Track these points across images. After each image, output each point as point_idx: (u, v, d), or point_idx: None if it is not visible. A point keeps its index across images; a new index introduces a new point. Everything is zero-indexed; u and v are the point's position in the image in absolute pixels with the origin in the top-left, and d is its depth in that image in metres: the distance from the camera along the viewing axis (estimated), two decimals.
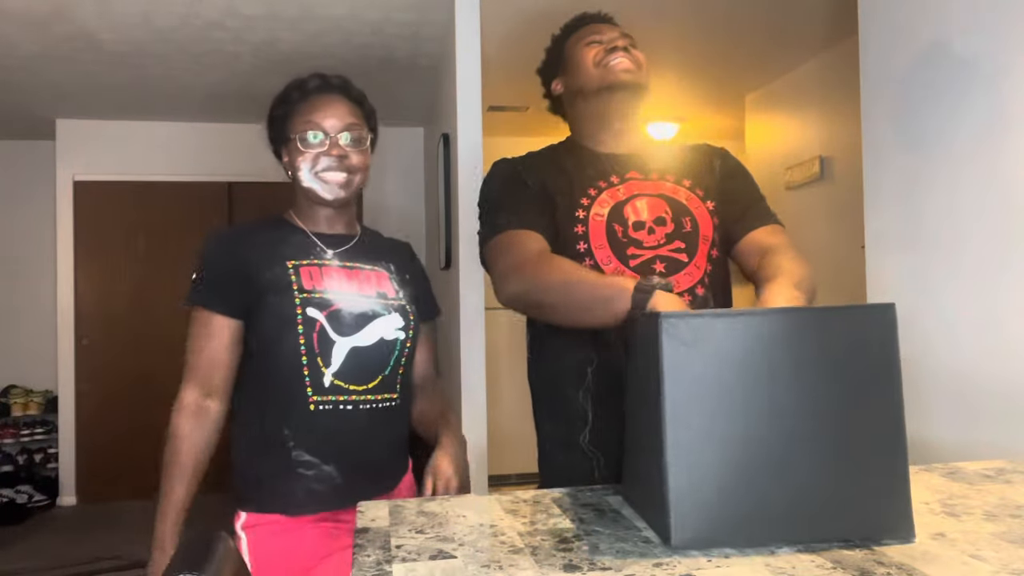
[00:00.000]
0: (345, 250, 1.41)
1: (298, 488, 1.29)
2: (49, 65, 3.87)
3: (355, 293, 1.36)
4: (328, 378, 1.30)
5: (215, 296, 1.32)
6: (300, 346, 1.29)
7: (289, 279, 1.32)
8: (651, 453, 0.83)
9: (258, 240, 1.37)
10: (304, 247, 1.38)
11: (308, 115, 1.37)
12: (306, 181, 1.37)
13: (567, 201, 1.30)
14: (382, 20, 3.42)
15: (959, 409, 1.87)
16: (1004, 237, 1.75)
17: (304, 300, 1.30)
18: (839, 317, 0.82)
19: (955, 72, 1.87)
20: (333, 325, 1.31)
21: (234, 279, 1.32)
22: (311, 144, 1.36)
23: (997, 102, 1.76)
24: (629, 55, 1.34)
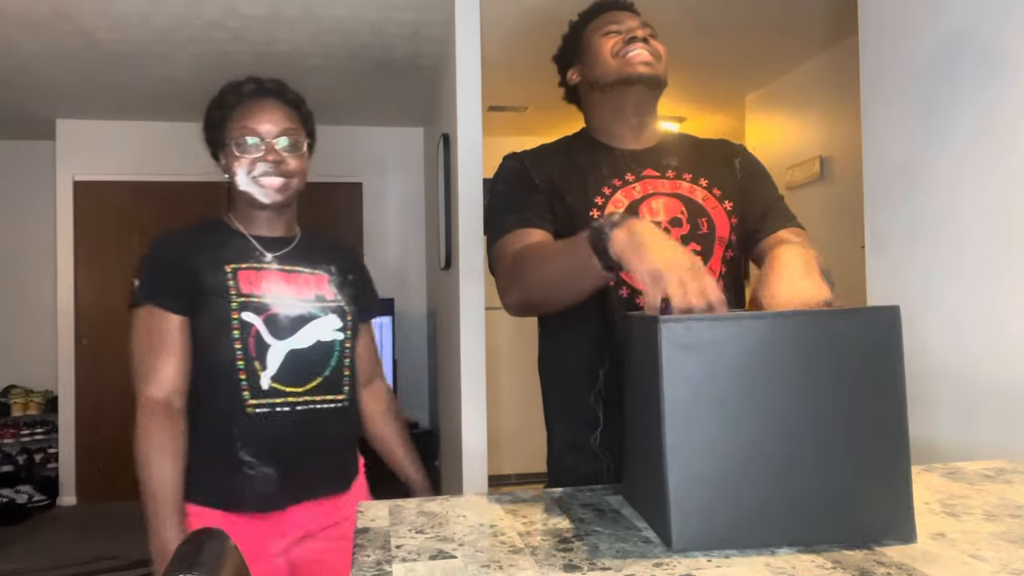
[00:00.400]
0: (284, 253, 1.43)
1: (237, 486, 1.31)
2: (49, 65, 3.87)
3: (293, 296, 1.38)
4: (266, 381, 1.33)
5: (166, 294, 1.33)
6: (236, 350, 1.31)
7: (227, 283, 1.34)
8: (651, 455, 0.83)
9: (199, 243, 1.38)
10: (243, 250, 1.39)
11: (244, 120, 1.38)
12: (243, 185, 1.38)
13: (580, 200, 1.27)
14: (382, 20, 3.42)
15: (959, 409, 1.87)
16: (1004, 237, 1.75)
17: (241, 304, 1.33)
18: (842, 320, 0.82)
19: (955, 72, 1.87)
20: (269, 328, 1.34)
21: (180, 279, 1.34)
22: (248, 149, 1.37)
23: (997, 102, 1.76)
24: (648, 46, 1.29)
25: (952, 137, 1.89)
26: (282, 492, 1.33)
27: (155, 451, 1.29)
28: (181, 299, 1.33)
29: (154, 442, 1.29)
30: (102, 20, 3.33)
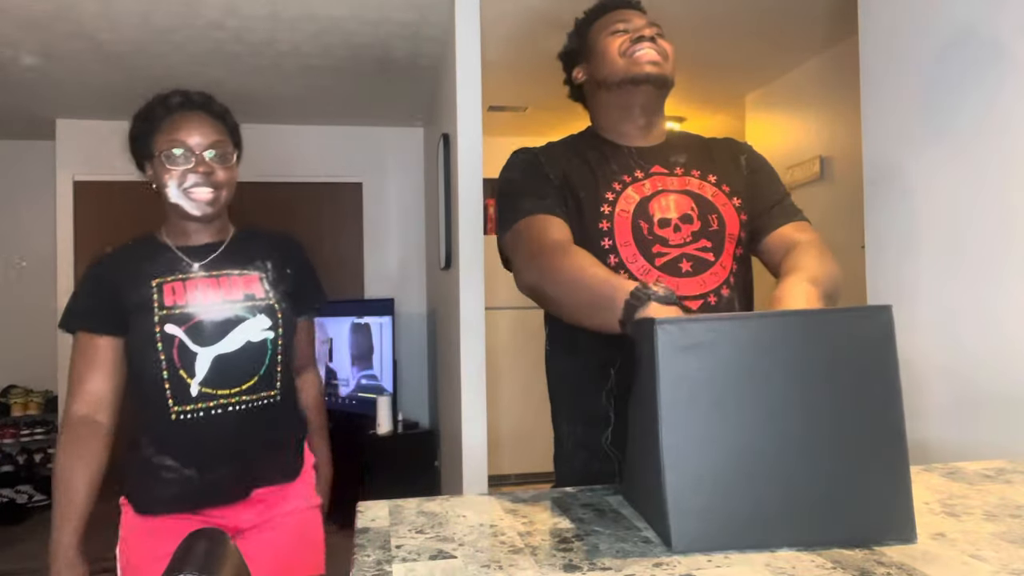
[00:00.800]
0: (212, 259, 1.47)
1: (157, 490, 1.39)
2: (49, 65, 3.87)
3: (220, 301, 1.42)
4: (195, 388, 1.38)
5: (92, 318, 1.40)
6: (160, 362, 1.37)
7: (151, 298, 1.39)
8: (649, 456, 0.84)
9: (126, 263, 1.44)
10: (170, 263, 1.44)
11: (173, 132, 1.41)
12: (173, 198, 1.42)
13: (591, 196, 1.26)
14: (382, 20, 3.42)
15: (959, 409, 1.87)
16: (1004, 237, 1.75)
17: (163, 317, 1.38)
18: (835, 320, 0.82)
19: (955, 72, 1.87)
20: (193, 337, 1.38)
21: (106, 301, 1.40)
22: (177, 161, 1.41)
23: (997, 102, 1.76)
24: (656, 45, 1.28)
25: (952, 137, 1.89)
26: (208, 489, 1.39)
27: (71, 460, 1.35)
28: (107, 320, 1.39)
29: (71, 453, 1.36)
30: (102, 20, 3.33)
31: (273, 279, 1.50)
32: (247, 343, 1.41)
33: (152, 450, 1.40)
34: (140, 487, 1.41)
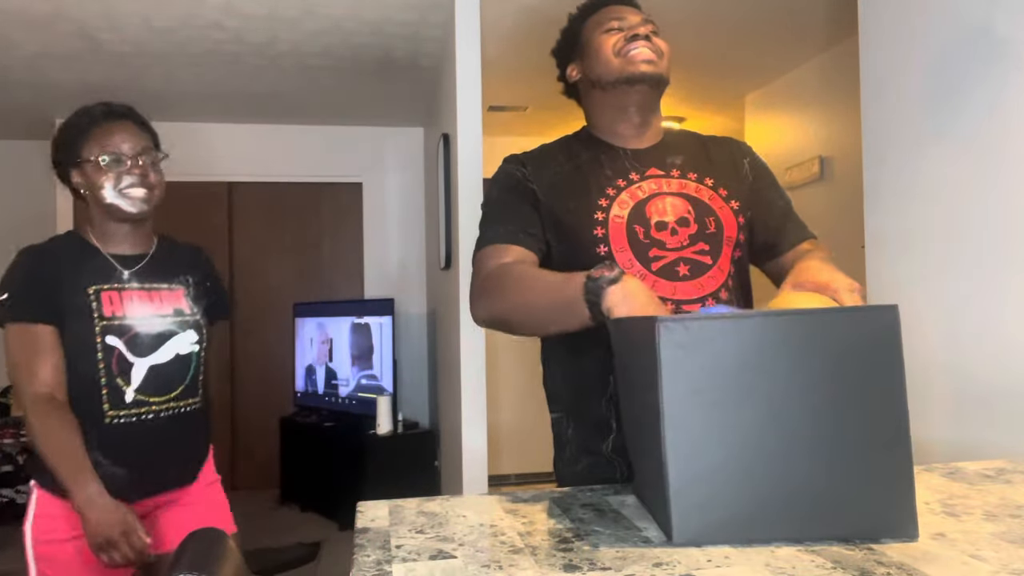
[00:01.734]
0: (140, 269, 1.56)
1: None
2: (49, 65, 3.87)
3: (153, 315, 1.53)
4: (131, 394, 1.49)
5: (32, 308, 1.45)
6: (99, 370, 1.46)
7: (90, 306, 1.47)
8: (653, 453, 0.84)
9: (59, 260, 1.50)
10: (103, 270, 1.52)
11: (105, 139, 1.51)
12: (110, 198, 1.50)
13: (584, 202, 1.25)
14: (382, 20, 3.42)
15: (959, 409, 1.87)
16: (1004, 237, 1.75)
17: (104, 328, 1.47)
18: (840, 319, 0.82)
19: (955, 72, 1.87)
20: (131, 348, 1.49)
21: (44, 293, 1.45)
22: (112, 164, 1.50)
23: (996, 102, 1.76)
24: (651, 44, 1.26)
25: (952, 136, 1.89)
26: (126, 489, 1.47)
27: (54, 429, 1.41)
28: (45, 310, 1.45)
29: (51, 424, 1.41)
30: (102, 20, 3.34)
31: (195, 295, 1.63)
32: (176, 355, 1.54)
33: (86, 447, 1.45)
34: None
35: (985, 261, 1.80)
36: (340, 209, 5.25)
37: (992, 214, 1.78)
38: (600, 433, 1.24)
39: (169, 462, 1.56)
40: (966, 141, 1.85)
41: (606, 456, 1.24)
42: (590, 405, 1.25)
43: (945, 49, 1.90)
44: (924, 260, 1.99)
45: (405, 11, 3.32)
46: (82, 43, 3.59)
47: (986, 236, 1.80)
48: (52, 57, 3.76)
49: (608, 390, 1.23)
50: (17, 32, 3.44)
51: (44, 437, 1.41)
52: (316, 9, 3.29)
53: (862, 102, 2.24)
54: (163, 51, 3.72)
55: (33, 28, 3.40)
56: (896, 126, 2.09)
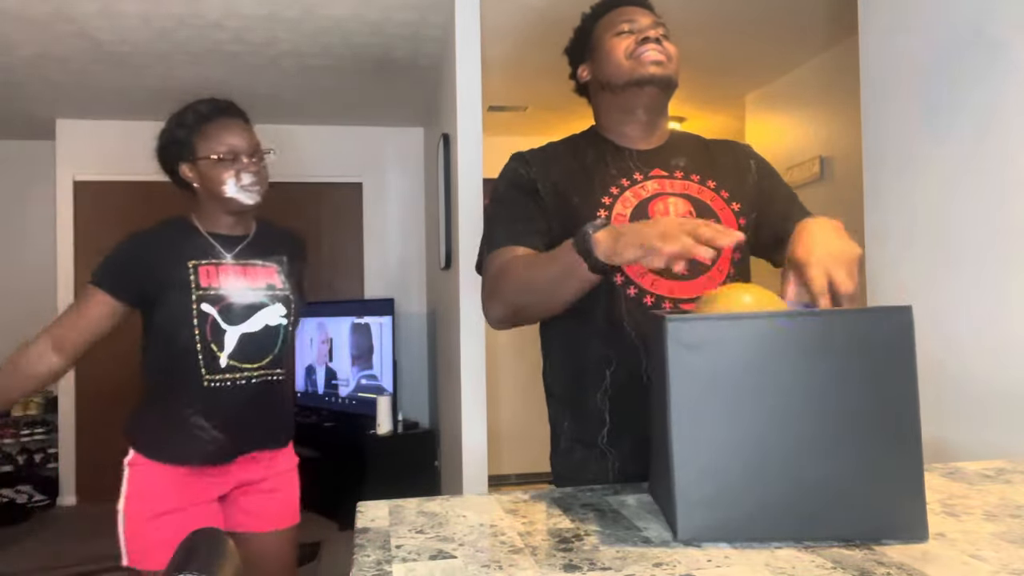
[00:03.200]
0: (241, 249, 1.68)
1: (189, 445, 1.58)
2: (49, 65, 3.87)
3: (245, 287, 1.64)
4: (224, 360, 1.59)
5: (108, 277, 1.58)
6: (195, 336, 1.57)
7: (188, 278, 1.58)
8: (662, 449, 0.85)
9: (163, 241, 1.63)
10: (204, 248, 1.64)
11: (221, 136, 1.61)
12: (230, 192, 1.61)
13: (588, 200, 1.26)
14: (382, 20, 3.42)
15: (959, 409, 1.87)
16: (1004, 236, 1.75)
17: (200, 296, 1.58)
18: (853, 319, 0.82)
19: (954, 70, 1.87)
20: (224, 316, 1.60)
21: (131, 270, 1.59)
22: (233, 162, 1.60)
23: (996, 100, 1.76)
24: (661, 47, 1.26)
25: (952, 136, 1.89)
26: (225, 449, 1.61)
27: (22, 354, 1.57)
28: (123, 285, 1.58)
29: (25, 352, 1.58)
30: (102, 20, 3.34)
31: (287, 272, 1.73)
32: (266, 326, 1.64)
33: (188, 411, 1.58)
34: (169, 442, 1.60)
35: (985, 261, 1.80)
36: (340, 209, 5.25)
37: (992, 214, 1.78)
38: (595, 426, 1.25)
39: (258, 423, 1.66)
40: (966, 141, 1.85)
41: (600, 448, 1.25)
42: (586, 398, 1.26)
43: (945, 49, 1.90)
44: (924, 260, 1.99)
45: (405, 11, 3.32)
46: (82, 43, 3.59)
47: (986, 236, 1.80)
48: (52, 57, 3.76)
49: (604, 384, 1.24)
50: (17, 32, 3.44)
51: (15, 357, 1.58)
52: (316, 9, 3.29)
53: (862, 102, 2.24)
54: (163, 51, 3.72)
55: (33, 28, 3.40)
56: (896, 126, 2.09)
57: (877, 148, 2.18)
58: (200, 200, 1.67)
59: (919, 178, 2.00)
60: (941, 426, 1.90)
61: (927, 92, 1.97)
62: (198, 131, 1.62)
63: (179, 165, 1.65)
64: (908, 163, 2.05)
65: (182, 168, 1.64)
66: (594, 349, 1.24)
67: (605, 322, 1.23)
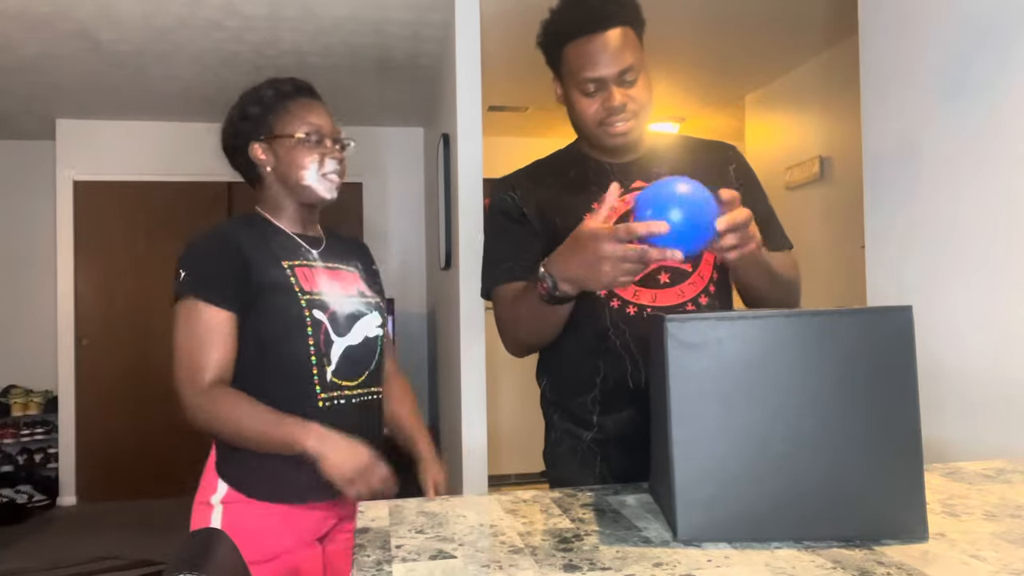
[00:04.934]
0: (322, 250, 1.45)
1: (297, 478, 1.28)
2: (49, 65, 3.87)
3: (341, 294, 1.40)
4: (329, 376, 1.35)
5: (213, 289, 1.31)
6: (309, 347, 1.32)
7: (289, 280, 1.34)
8: (662, 450, 0.86)
9: (248, 239, 1.36)
10: (292, 248, 1.40)
11: (305, 115, 1.39)
12: (309, 179, 1.38)
13: (570, 220, 1.25)
14: (382, 20, 3.42)
15: (959, 409, 1.87)
16: (1005, 236, 1.75)
17: (308, 302, 1.34)
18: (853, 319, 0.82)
19: (955, 71, 1.87)
20: (332, 326, 1.36)
21: (231, 272, 1.32)
22: (318, 145, 1.39)
23: (997, 102, 1.76)
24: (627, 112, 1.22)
25: (952, 136, 1.89)
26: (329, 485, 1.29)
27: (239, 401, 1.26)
28: (229, 294, 1.31)
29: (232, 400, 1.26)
30: (102, 20, 3.33)
31: (367, 279, 1.51)
32: (365, 338, 1.41)
33: None
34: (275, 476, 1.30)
35: (985, 261, 1.80)
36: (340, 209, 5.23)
37: (993, 214, 1.78)
38: (582, 427, 1.31)
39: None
40: (966, 141, 1.85)
41: (587, 444, 1.30)
42: (575, 403, 1.31)
43: (945, 48, 1.90)
44: (924, 260, 1.99)
45: (405, 11, 3.32)
46: (82, 43, 3.59)
47: (987, 236, 1.80)
48: (52, 57, 3.76)
49: (594, 392, 1.28)
50: (17, 32, 3.43)
51: (232, 411, 1.25)
52: (316, 9, 3.29)
53: (862, 102, 2.24)
54: (163, 51, 3.72)
55: (33, 28, 3.40)
56: (896, 126, 2.09)
57: (877, 148, 2.18)
58: (268, 191, 1.43)
59: (919, 178, 2.00)
60: (941, 426, 1.90)
61: (927, 92, 1.97)
62: (279, 107, 1.40)
63: (250, 145, 1.41)
64: (908, 163, 2.05)
65: (254, 148, 1.41)
66: (583, 360, 1.28)
67: (592, 333, 1.26)
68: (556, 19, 1.27)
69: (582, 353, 1.27)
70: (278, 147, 1.39)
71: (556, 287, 1.07)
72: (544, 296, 1.09)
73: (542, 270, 1.08)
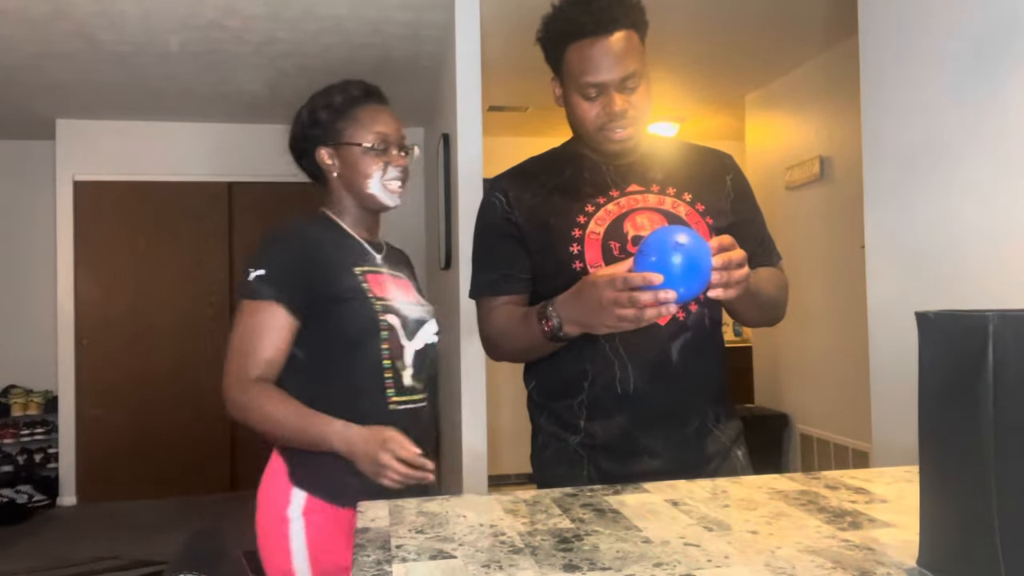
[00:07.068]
0: (385, 256, 1.49)
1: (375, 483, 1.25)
2: (49, 65, 3.87)
3: (406, 300, 1.43)
4: (408, 379, 1.39)
5: (284, 290, 1.32)
6: (383, 351, 1.35)
7: (362, 286, 1.36)
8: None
9: (320, 242, 1.40)
10: (360, 253, 1.43)
11: (373, 123, 1.42)
12: (372, 188, 1.42)
13: (564, 219, 1.27)
14: (382, 20, 3.42)
15: None
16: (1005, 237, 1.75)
17: (382, 307, 1.36)
18: None
19: (955, 72, 1.87)
20: (404, 330, 1.39)
21: (304, 278, 1.34)
22: (383, 153, 1.43)
23: (997, 102, 1.76)
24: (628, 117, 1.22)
25: (952, 136, 1.89)
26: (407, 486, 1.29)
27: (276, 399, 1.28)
28: (301, 299, 1.33)
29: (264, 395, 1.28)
30: (102, 20, 3.33)
31: (416, 287, 1.54)
32: (427, 344, 1.44)
33: None
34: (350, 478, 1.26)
35: (986, 261, 1.80)
36: None
37: (992, 213, 1.78)
38: (569, 431, 1.30)
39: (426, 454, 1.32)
40: (967, 141, 1.85)
41: (573, 447, 1.29)
42: (563, 406, 1.30)
43: (945, 49, 1.90)
44: (924, 260, 1.99)
45: (405, 11, 3.32)
46: (82, 43, 3.59)
47: (987, 236, 1.80)
48: (52, 57, 3.76)
49: (581, 396, 1.27)
50: (17, 32, 3.43)
51: (269, 406, 1.27)
52: (316, 9, 3.29)
53: (862, 102, 2.24)
54: (163, 51, 3.72)
55: (33, 28, 3.40)
56: (896, 126, 2.09)
57: (876, 148, 2.18)
58: (333, 194, 1.46)
59: (919, 178, 2.01)
60: None
61: (927, 92, 1.97)
62: (348, 114, 1.42)
63: (318, 149, 1.44)
64: (908, 163, 2.05)
65: (320, 153, 1.43)
66: (572, 364, 1.27)
67: (581, 338, 1.24)
68: (559, 18, 1.25)
69: (571, 356, 1.26)
70: (345, 154, 1.43)
71: (560, 328, 1.13)
72: (547, 334, 1.15)
73: (549, 309, 1.14)
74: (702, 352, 1.28)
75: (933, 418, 0.68)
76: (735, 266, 1.03)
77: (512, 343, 1.28)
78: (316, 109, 1.45)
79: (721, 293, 1.03)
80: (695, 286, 1.00)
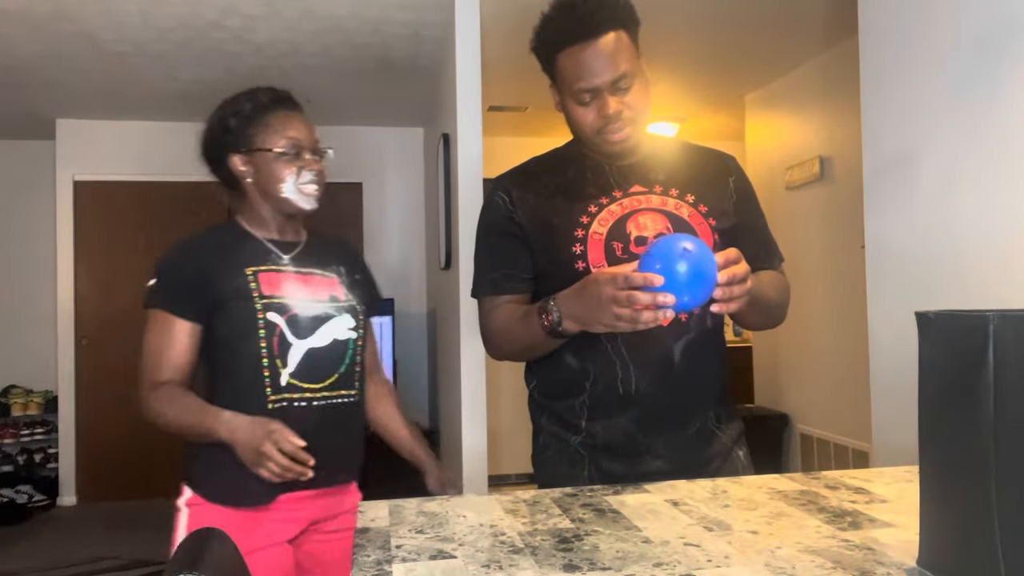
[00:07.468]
0: (296, 255, 1.50)
1: (246, 482, 1.32)
2: (49, 65, 3.87)
3: (309, 298, 1.45)
4: (284, 378, 1.39)
5: (178, 301, 1.40)
6: (261, 349, 1.38)
7: (250, 286, 1.41)
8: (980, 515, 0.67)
9: (216, 248, 1.46)
10: (260, 253, 1.46)
11: (283, 128, 1.45)
12: (287, 192, 1.45)
13: (567, 219, 1.27)
14: (382, 20, 3.42)
15: None
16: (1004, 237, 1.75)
17: (265, 305, 1.40)
18: None
19: (955, 71, 1.87)
20: (291, 328, 1.41)
21: (194, 286, 1.40)
22: (292, 157, 1.45)
23: (998, 102, 1.76)
24: (623, 119, 1.23)
25: (952, 136, 1.89)
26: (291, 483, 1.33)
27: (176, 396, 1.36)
28: (194, 306, 1.40)
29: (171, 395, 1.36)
30: (102, 20, 3.33)
31: (348, 283, 1.55)
32: (334, 340, 1.45)
33: None
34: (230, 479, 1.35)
35: (986, 261, 1.80)
36: (340, 209, 5.25)
37: (992, 214, 1.78)
38: (570, 431, 1.30)
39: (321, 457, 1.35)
40: (967, 141, 1.85)
41: (574, 447, 1.29)
42: (564, 407, 1.30)
43: (945, 48, 1.90)
44: (924, 260, 1.99)
45: (405, 11, 3.32)
46: (83, 43, 3.59)
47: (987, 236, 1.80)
48: (52, 57, 3.76)
49: (583, 396, 1.27)
50: (18, 32, 3.44)
51: (168, 406, 1.35)
52: (316, 9, 3.29)
53: (862, 102, 2.24)
54: (163, 51, 3.72)
55: (34, 28, 3.40)
56: (895, 125, 2.09)
57: (876, 148, 2.18)
58: (248, 200, 1.50)
59: (919, 178, 2.01)
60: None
61: (927, 92, 1.97)
62: (257, 121, 1.45)
63: (229, 156, 1.46)
64: (908, 163, 2.05)
65: (233, 160, 1.46)
66: (573, 364, 1.27)
67: (583, 337, 1.24)
68: (547, 26, 1.26)
69: (572, 356, 1.26)
70: (258, 160, 1.45)
71: (560, 323, 1.12)
72: (546, 328, 1.14)
73: (551, 303, 1.14)
74: (704, 352, 1.28)
75: (933, 418, 0.69)
76: (738, 281, 1.03)
77: (513, 341, 1.28)
78: (226, 116, 1.48)
79: (723, 308, 1.03)
80: (697, 295, 1.00)
